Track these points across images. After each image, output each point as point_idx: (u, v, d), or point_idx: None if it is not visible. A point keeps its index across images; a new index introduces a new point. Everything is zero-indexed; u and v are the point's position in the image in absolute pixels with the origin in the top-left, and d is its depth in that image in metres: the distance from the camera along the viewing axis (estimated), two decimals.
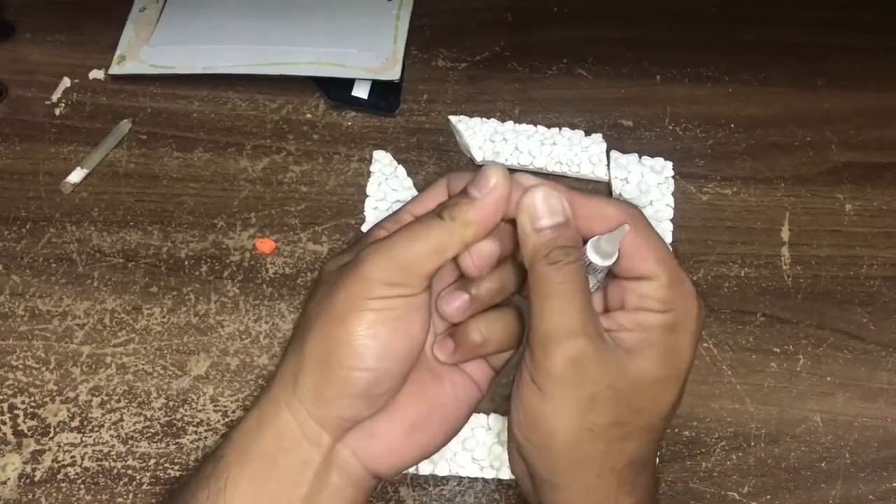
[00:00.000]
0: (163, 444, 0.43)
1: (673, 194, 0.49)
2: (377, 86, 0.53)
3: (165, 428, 0.43)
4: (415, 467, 0.42)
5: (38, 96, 0.53)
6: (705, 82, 0.54)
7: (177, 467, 0.42)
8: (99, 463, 0.42)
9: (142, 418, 0.43)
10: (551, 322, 0.32)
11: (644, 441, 0.33)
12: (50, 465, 0.42)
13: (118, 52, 0.55)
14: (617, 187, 0.49)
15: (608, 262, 0.33)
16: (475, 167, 0.51)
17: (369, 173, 0.50)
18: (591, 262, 0.33)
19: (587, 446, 0.32)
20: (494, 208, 0.32)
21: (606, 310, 0.35)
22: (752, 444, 0.43)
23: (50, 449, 0.43)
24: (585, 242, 0.33)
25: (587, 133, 0.51)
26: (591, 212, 0.33)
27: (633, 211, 0.34)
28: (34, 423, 0.43)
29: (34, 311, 0.46)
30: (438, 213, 0.32)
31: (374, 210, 0.49)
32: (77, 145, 0.51)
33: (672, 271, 0.33)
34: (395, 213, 0.35)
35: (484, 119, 0.51)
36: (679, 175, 0.50)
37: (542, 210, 0.33)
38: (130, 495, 0.42)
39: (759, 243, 0.48)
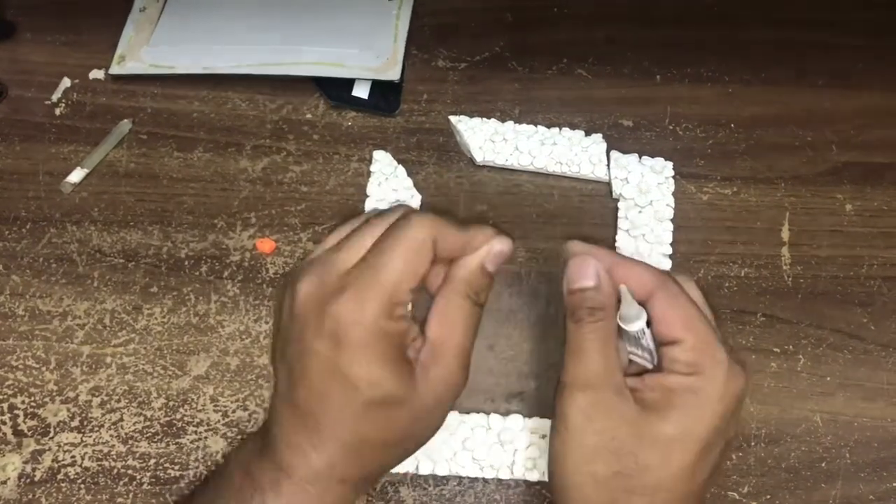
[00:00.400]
0: (163, 444, 0.43)
1: (673, 194, 0.49)
2: (377, 86, 0.53)
3: (165, 428, 0.43)
4: (415, 467, 0.42)
5: (38, 96, 0.53)
6: (705, 82, 0.54)
7: (177, 467, 0.42)
8: (99, 463, 0.42)
9: (142, 418, 0.43)
10: (569, 372, 0.35)
11: (656, 499, 0.34)
12: (50, 465, 0.42)
13: (118, 52, 0.55)
14: (617, 187, 0.49)
15: (632, 327, 0.35)
16: (475, 167, 0.51)
17: (369, 173, 0.50)
18: (621, 328, 0.36)
19: (591, 491, 0.34)
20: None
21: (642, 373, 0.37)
22: (753, 443, 0.43)
23: (50, 449, 0.43)
24: None
25: (587, 133, 0.51)
26: (628, 275, 0.36)
27: (664, 276, 0.36)
28: (34, 422, 0.43)
29: (34, 311, 0.46)
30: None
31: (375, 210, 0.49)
32: (77, 145, 0.51)
33: (700, 336, 0.35)
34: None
35: (484, 119, 0.51)
36: (679, 175, 0.50)
37: (574, 275, 0.36)
38: (130, 495, 0.42)
39: (760, 243, 0.48)
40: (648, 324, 0.35)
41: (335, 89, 0.53)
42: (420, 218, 0.35)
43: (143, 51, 0.55)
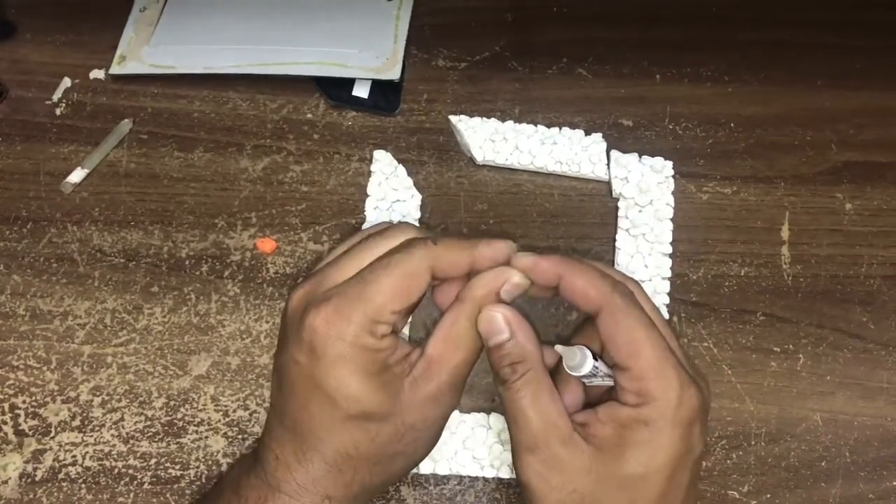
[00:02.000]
0: (164, 444, 0.43)
1: (673, 193, 0.49)
2: (377, 85, 0.53)
3: (166, 427, 0.43)
4: (416, 466, 0.42)
5: (39, 96, 0.53)
6: (705, 82, 0.54)
7: (178, 467, 0.42)
8: (100, 462, 0.42)
9: (143, 418, 0.43)
10: (513, 437, 0.34)
11: None
12: (51, 465, 0.42)
13: (118, 52, 0.55)
14: (617, 187, 0.49)
15: (581, 372, 0.33)
16: (475, 167, 0.51)
17: (370, 173, 0.50)
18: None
19: None
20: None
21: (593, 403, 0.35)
22: (753, 442, 0.43)
23: (51, 448, 0.43)
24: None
25: (587, 132, 0.51)
26: (573, 287, 0.34)
27: (610, 289, 0.34)
28: (35, 422, 0.43)
29: (35, 310, 0.46)
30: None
31: (375, 210, 0.49)
32: (77, 145, 0.51)
33: (647, 361, 0.32)
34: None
35: (484, 119, 0.51)
36: (679, 174, 0.50)
37: (486, 333, 0.34)
38: (131, 495, 0.42)
39: (759, 242, 0.49)
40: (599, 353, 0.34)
41: (335, 89, 0.53)
42: (420, 249, 0.34)
43: (143, 51, 0.55)
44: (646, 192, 0.48)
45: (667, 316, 0.45)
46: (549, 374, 0.35)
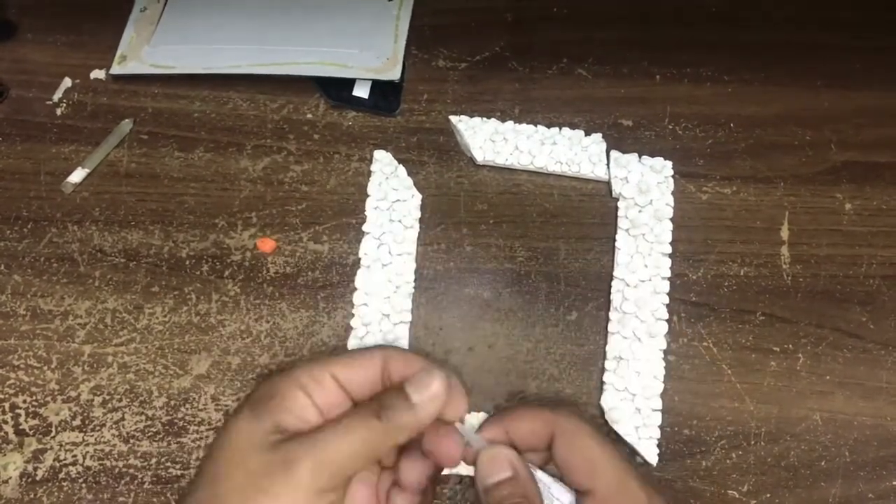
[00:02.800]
0: (164, 443, 0.43)
1: (673, 194, 0.49)
2: (377, 86, 0.53)
3: (167, 427, 0.43)
4: None
5: (40, 96, 0.54)
6: (705, 82, 0.54)
7: (178, 466, 0.42)
8: (100, 462, 0.42)
9: (143, 417, 0.43)
10: None
11: None
12: (51, 465, 0.42)
13: (119, 52, 0.55)
14: (617, 187, 0.49)
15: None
16: (475, 167, 0.51)
17: (370, 173, 0.50)
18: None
19: None
20: (431, 416, 0.31)
21: None
22: (752, 442, 0.43)
23: (51, 448, 0.43)
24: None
25: (587, 133, 0.51)
26: (519, 429, 0.34)
27: (555, 418, 0.33)
28: (36, 422, 0.43)
29: (36, 310, 0.46)
30: (377, 413, 0.30)
31: (375, 210, 0.49)
32: (78, 145, 0.52)
33: (607, 480, 0.32)
34: (313, 365, 0.32)
35: (484, 119, 0.51)
36: (679, 174, 0.50)
37: (487, 470, 0.33)
38: (132, 494, 0.42)
39: (759, 242, 0.49)
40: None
41: (336, 89, 0.53)
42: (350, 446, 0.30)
43: (143, 51, 0.55)
44: (645, 192, 0.49)
45: (666, 316, 0.45)
46: None
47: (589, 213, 0.49)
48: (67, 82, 0.54)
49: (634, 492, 0.32)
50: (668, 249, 0.47)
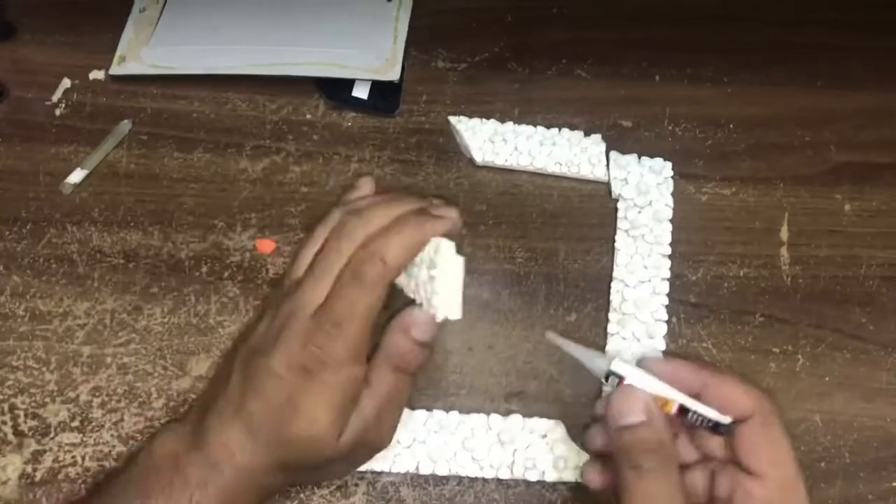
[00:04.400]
0: None
1: (672, 194, 0.49)
2: (377, 86, 0.53)
3: None
4: (415, 467, 0.42)
5: (39, 97, 0.53)
6: (704, 82, 0.54)
7: None
8: (100, 463, 0.42)
9: (142, 418, 0.43)
10: None
11: None
12: (50, 466, 0.42)
13: (118, 53, 0.55)
14: (616, 187, 0.49)
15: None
16: (474, 168, 0.51)
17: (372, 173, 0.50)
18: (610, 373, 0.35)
19: None
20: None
21: (712, 499, 0.35)
22: None
23: (51, 449, 0.43)
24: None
25: (586, 133, 0.51)
26: (722, 396, 0.34)
27: (761, 400, 0.34)
28: (35, 423, 0.43)
29: (35, 311, 0.46)
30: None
31: None
32: (77, 146, 0.51)
33: (786, 477, 0.33)
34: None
35: (483, 120, 0.51)
36: (678, 175, 0.50)
37: (619, 410, 0.33)
38: None
39: (758, 243, 0.49)
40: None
41: (335, 90, 0.53)
42: (374, 270, 0.36)
43: (143, 51, 0.55)
44: (645, 192, 0.49)
45: (665, 317, 0.45)
46: None
47: (588, 214, 0.49)
48: (66, 83, 0.54)
49: (800, 495, 0.33)
50: (668, 250, 0.47)
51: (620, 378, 0.35)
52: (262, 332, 0.37)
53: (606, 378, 0.35)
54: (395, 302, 0.38)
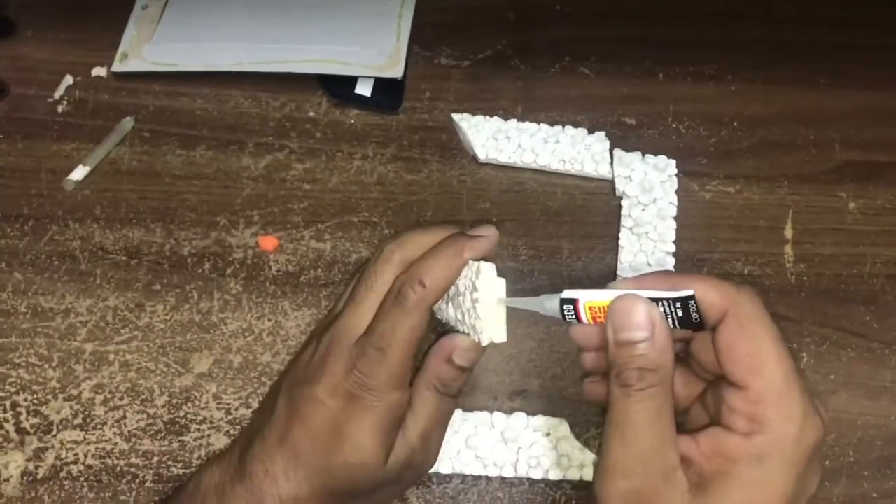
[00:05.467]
0: (166, 442, 0.43)
1: (676, 192, 0.49)
2: (380, 83, 0.53)
3: (168, 426, 0.43)
4: None
5: (41, 94, 0.53)
6: (708, 80, 0.54)
7: (180, 465, 0.42)
8: (102, 461, 0.42)
9: (145, 416, 0.43)
10: (611, 452, 0.30)
11: None
12: (53, 463, 0.42)
13: (120, 50, 0.55)
14: (620, 185, 0.49)
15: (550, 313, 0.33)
16: (478, 165, 0.51)
17: (372, 171, 0.50)
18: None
19: None
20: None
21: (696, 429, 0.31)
22: None
23: (53, 447, 0.42)
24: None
25: (590, 131, 0.51)
26: (699, 290, 0.30)
27: (736, 293, 0.30)
28: (37, 420, 0.43)
29: (37, 308, 0.46)
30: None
31: None
32: (79, 143, 0.51)
33: (770, 383, 0.28)
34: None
35: (487, 117, 0.51)
36: (682, 173, 0.50)
37: (620, 322, 0.30)
38: (133, 493, 0.42)
39: (763, 241, 0.48)
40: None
41: (338, 87, 0.53)
42: (412, 296, 0.35)
43: (145, 48, 0.54)
44: (649, 190, 0.48)
45: None
46: None
47: (592, 211, 0.49)
48: (69, 80, 0.54)
49: (792, 408, 0.28)
50: (672, 248, 0.47)
51: (575, 304, 0.32)
52: (306, 361, 0.38)
53: (563, 314, 0.33)
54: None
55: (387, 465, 0.36)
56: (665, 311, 0.30)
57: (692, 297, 0.29)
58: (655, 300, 0.30)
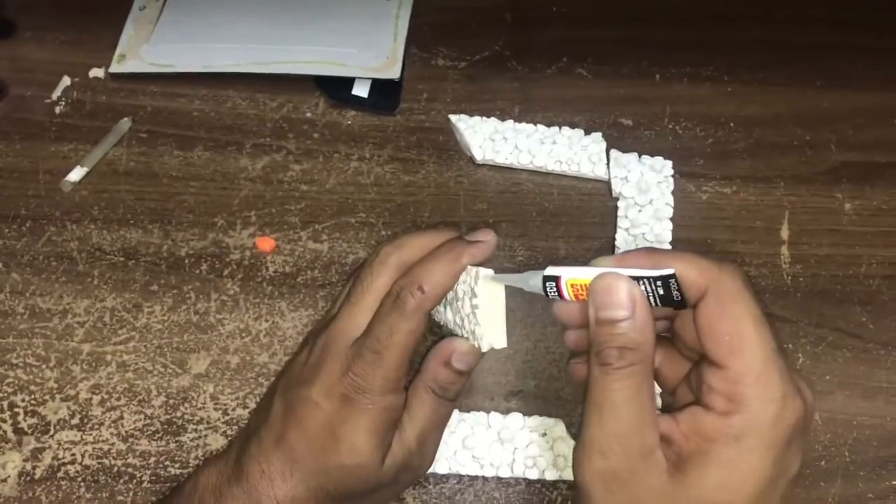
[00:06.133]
0: (163, 443, 0.43)
1: (673, 193, 0.49)
2: (377, 85, 0.53)
3: (166, 426, 0.43)
4: None
5: (38, 95, 0.53)
6: (704, 81, 0.54)
7: (177, 465, 0.42)
8: (99, 461, 0.42)
9: (142, 416, 0.43)
10: (589, 430, 0.30)
11: None
12: (50, 463, 0.42)
13: (118, 51, 0.55)
14: (617, 186, 0.49)
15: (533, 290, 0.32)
16: (475, 166, 0.51)
17: (370, 172, 0.50)
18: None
19: None
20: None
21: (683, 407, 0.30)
22: None
23: (50, 447, 0.43)
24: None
25: (587, 132, 0.51)
26: (679, 268, 0.29)
27: (721, 276, 0.29)
28: (34, 420, 0.43)
29: (34, 309, 0.46)
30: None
31: None
32: (77, 144, 0.51)
33: (751, 362, 0.28)
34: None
35: (484, 118, 0.51)
36: (679, 174, 0.50)
37: (601, 300, 0.29)
38: (131, 493, 0.42)
39: (759, 242, 0.49)
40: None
41: (335, 88, 0.53)
42: (410, 301, 0.35)
43: (143, 49, 0.55)
44: (645, 191, 0.48)
45: None
46: None
47: (589, 212, 0.49)
48: (66, 81, 0.54)
49: (771, 388, 0.28)
50: (668, 249, 0.47)
51: (557, 281, 0.31)
52: (301, 362, 0.38)
53: (546, 291, 0.32)
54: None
55: (383, 466, 0.36)
56: (646, 290, 0.29)
57: (673, 276, 0.29)
58: (637, 278, 0.29)
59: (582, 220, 0.49)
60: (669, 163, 0.50)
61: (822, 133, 0.52)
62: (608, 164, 0.50)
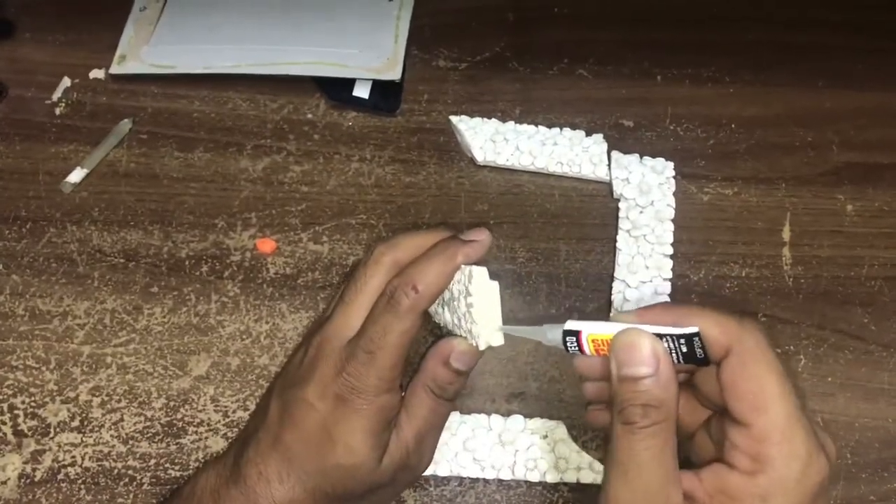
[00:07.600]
0: (163, 445, 0.43)
1: (674, 194, 0.49)
2: (378, 86, 0.53)
3: (166, 428, 0.43)
4: None
5: (39, 96, 0.53)
6: (706, 83, 0.54)
7: (177, 467, 0.42)
8: (99, 463, 0.42)
9: (142, 418, 0.43)
10: (613, 489, 0.29)
11: None
12: (50, 465, 0.42)
13: (118, 52, 0.55)
14: (618, 187, 0.49)
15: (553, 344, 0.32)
16: (476, 167, 0.51)
17: (370, 174, 0.50)
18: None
19: None
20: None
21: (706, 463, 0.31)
22: None
23: (50, 449, 0.42)
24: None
25: (588, 133, 0.51)
26: (702, 326, 0.30)
27: (742, 334, 0.30)
28: (34, 423, 0.43)
29: (34, 310, 0.46)
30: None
31: None
32: (77, 145, 0.51)
33: (776, 420, 0.28)
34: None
35: (485, 119, 0.51)
36: (680, 175, 0.50)
37: (624, 357, 0.29)
38: (131, 495, 0.42)
39: (761, 244, 0.48)
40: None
41: (336, 89, 0.53)
42: (405, 301, 0.35)
43: (143, 50, 0.54)
44: (647, 192, 0.48)
45: None
46: None
47: (590, 213, 0.49)
48: (66, 82, 0.54)
49: (796, 447, 0.28)
50: (670, 250, 0.47)
51: (577, 335, 0.31)
52: (297, 363, 0.38)
53: (566, 345, 0.32)
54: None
55: (380, 466, 0.36)
56: (669, 347, 0.30)
57: (697, 335, 0.29)
58: (660, 335, 0.30)
59: (583, 221, 0.49)
60: (671, 164, 0.50)
61: (823, 134, 0.52)
62: (609, 165, 0.50)
